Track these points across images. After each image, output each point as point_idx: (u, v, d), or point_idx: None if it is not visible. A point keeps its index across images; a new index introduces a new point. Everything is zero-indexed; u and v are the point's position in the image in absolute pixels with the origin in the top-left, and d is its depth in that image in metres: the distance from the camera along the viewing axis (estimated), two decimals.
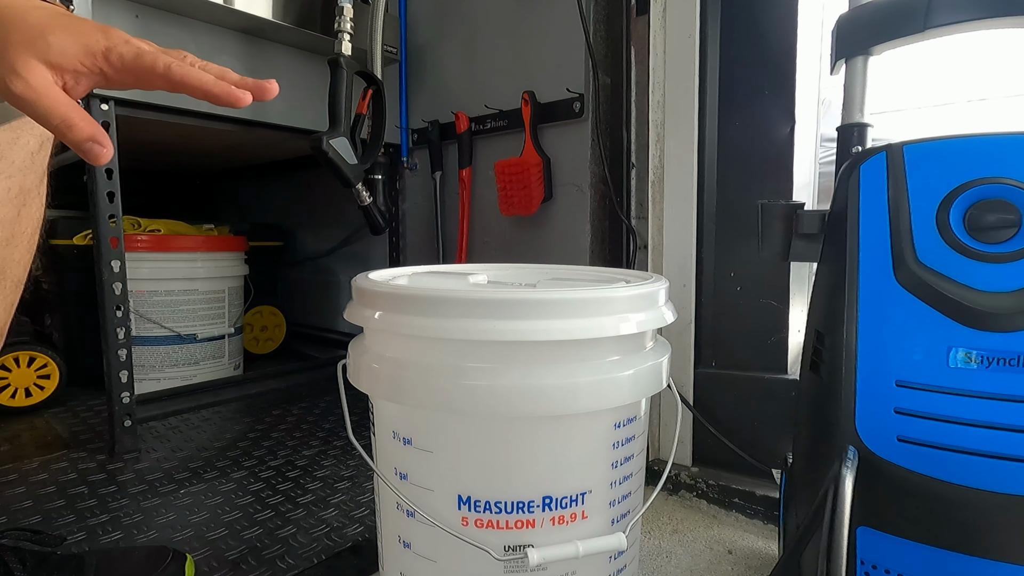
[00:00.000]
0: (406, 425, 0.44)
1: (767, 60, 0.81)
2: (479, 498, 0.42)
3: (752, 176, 0.84)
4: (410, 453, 0.44)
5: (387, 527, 0.49)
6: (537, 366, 0.40)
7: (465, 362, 0.40)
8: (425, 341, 0.42)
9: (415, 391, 0.42)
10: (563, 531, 0.43)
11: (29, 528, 0.56)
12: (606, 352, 0.42)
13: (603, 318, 0.40)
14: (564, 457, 0.42)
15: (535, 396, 0.39)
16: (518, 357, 0.40)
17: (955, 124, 0.97)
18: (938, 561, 0.39)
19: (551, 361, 0.40)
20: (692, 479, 0.83)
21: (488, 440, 0.42)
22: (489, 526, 0.42)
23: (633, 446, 0.46)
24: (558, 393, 0.40)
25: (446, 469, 0.43)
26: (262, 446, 0.98)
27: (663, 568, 0.67)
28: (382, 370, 0.44)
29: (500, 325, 0.38)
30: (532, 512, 0.42)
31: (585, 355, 0.41)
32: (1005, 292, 0.38)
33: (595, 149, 0.98)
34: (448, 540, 0.42)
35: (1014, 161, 0.39)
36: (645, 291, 0.43)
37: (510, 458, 0.42)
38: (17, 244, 0.42)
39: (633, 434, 0.46)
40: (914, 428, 0.40)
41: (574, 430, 0.42)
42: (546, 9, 1.01)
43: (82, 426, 1.07)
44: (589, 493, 0.43)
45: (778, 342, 0.82)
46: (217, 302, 1.33)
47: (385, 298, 0.43)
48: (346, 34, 1.00)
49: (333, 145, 0.95)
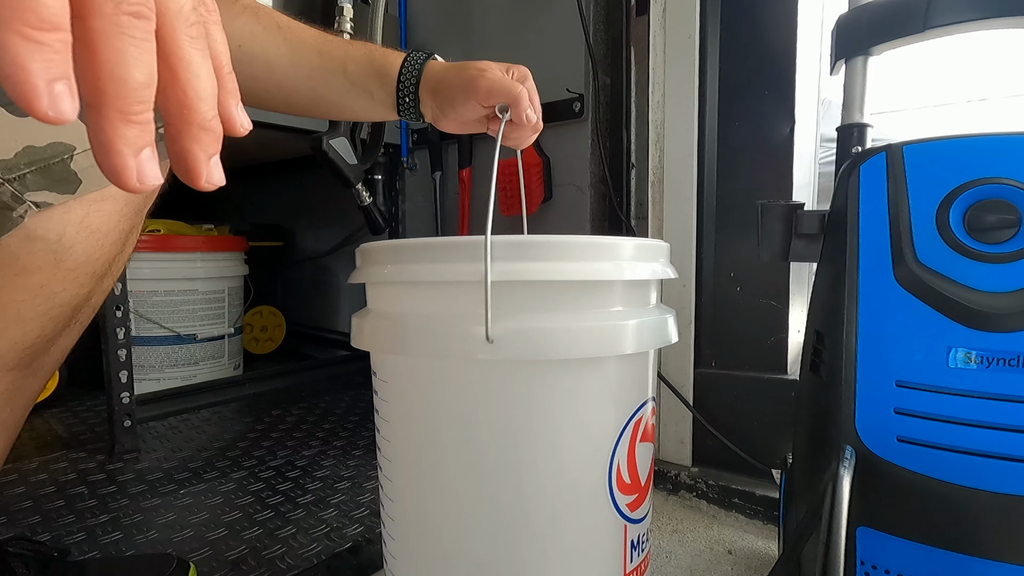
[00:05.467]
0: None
1: (767, 60, 0.81)
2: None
3: (752, 176, 0.84)
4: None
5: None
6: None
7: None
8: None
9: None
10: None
11: (35, 540, 0.56)
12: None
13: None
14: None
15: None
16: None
17: (955, 124, 0.97)
18: (938, 561, 0.39)
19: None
20: (692, 479, 0.83)
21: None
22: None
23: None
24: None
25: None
26: (262, 446, 0.98)
27: (663, 568, 0.67)
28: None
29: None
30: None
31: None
32: (1005, 292, 0.38)
33: (595, 149, 0.98)
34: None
35: (1014, 161, 0.39)
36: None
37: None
38: (112, 276, 0.44)
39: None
40: (914, 428, 0.40)
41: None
42: (546, 9, 1.01)
43: (82, 426, 1.07)
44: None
45: (778, 342, 0.82)
46: (217, 302, 1.33)
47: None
48: (346, 34, 1.00)
49: (333, 145, 0.95)
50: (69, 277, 0.39)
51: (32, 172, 0.33)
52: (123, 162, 0.19)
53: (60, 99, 0.17)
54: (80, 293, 0.41)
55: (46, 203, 0.34)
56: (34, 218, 0.35)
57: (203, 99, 0.21)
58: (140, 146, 0.19)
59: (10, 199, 0.33)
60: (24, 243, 0.35)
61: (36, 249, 0.36)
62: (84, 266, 0.39)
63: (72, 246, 0.37)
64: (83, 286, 0.40)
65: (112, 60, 0.18)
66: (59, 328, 0.42)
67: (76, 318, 0.44)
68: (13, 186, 0.33)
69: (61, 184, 0.34)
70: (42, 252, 0.36)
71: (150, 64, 0.19)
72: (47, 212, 0.35)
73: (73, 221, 0.37)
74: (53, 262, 0.37)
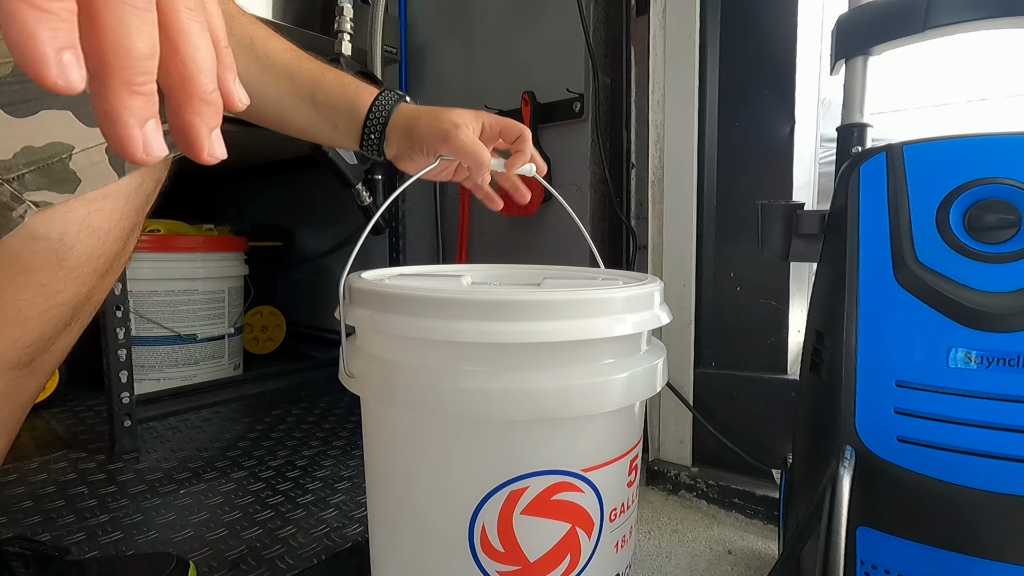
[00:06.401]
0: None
1: (767, 60, 0.81)
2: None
3: (752, 176, 0.84)
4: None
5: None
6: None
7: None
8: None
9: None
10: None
11: (35, 540, 0.56)
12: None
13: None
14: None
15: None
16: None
17: (955, 124, 0.97)
18: (938, 561, 0.39)
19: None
20: (692, 479, 0.83)
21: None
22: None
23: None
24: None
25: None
26: (262, 446, 0.98)
27: (663, 568, 0.67)
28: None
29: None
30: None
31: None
32: (1005, 292, 0.38)
33: (595, 149, 0.98)
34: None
35: (1014, 161, 0.39)
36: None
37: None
38: (113, 274, 0.44)
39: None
40: (914, 428, 0.40)
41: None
42: (546, 9, 1.01)
43: (82, 426, 1.07)
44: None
45: (778, 342, 0.82)
46: (217, 302, 1.33)
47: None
48: (346, 34, 1.00)
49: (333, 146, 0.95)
50: (71, 276, 0.39)
51: (31, 172, 0.33)
52: (129, 132, 0.19)
53: (69, 68, 0.17)
54: (81, 292, 0.41)
55: (46, 203, 0.35)
56: (35, 217, 0.35)
57: (203, 71, 0.21)
58: (145, 117, 0.19)
59: (9, 199, 0.33)
60: (26, 242, 0.35)
61: (38, 248, 0.36)
62: (85, 265, 0.39)
63: (74, 245, 0.37)
64: (84, 285, 0.40)
65: (115, 30, 0.18)
66: (60, 327, 0.42)
67: (77, 317, 0.44)
68: (12, 186, 0.33)
69: (60, 184, 0.34)
70: (44, 251, 0.36)
71: (152, 35, 0.19)
72: (49, 211, 0.35)
73: (75, 220, 0.37)
74: (55, 261, 0.37)
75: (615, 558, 0.45)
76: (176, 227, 1.29)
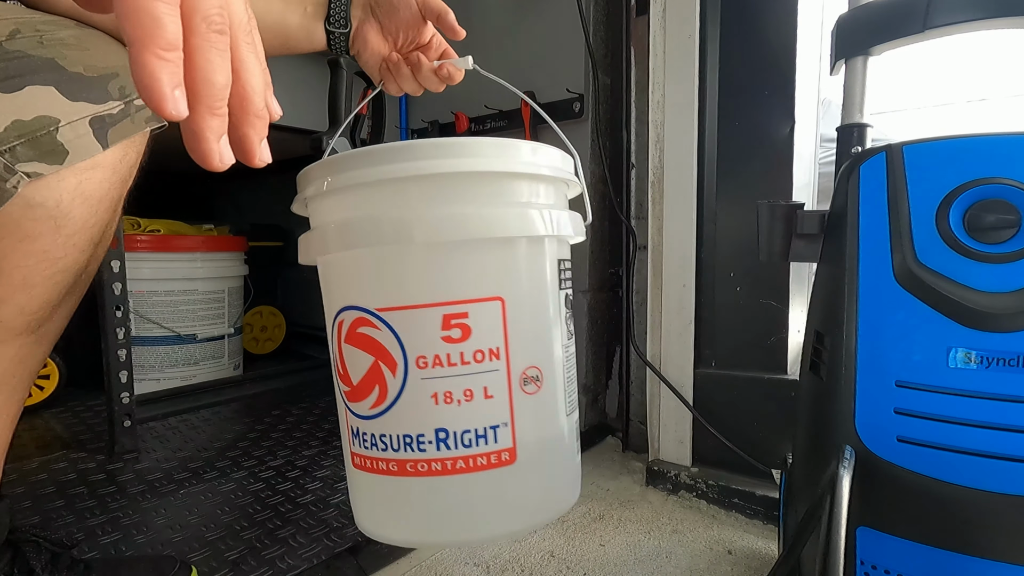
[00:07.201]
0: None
1: (767, 60, 0.81)
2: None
3: (752, 176, 0.84)
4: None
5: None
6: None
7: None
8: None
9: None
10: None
11: (46, 535, 0.56)
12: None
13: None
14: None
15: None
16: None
17: (955, 124, 0.97)
18: (938, 561, 0.39)
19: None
20: (692, 479, 0.83)
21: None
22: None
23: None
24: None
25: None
26: (262, 446, 0.98)
27: (663, 568, 0.67)
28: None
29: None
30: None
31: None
32: (1005, 292, 0.38)
33: (595, 149, 0.98)
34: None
35: (1014, 161, 0.39)
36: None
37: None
38: (105, 243, 0.48)
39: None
40: (914, 428, 0.40)
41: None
42: (546, 9, 1.01)
43: (82, 426, 1.07)
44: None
45: (778, 342, 0.82)
46: (217, 302, 1.33)
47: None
48: None
49: (333, 146, 0.95)
50: (69, 243, 0.41)
51: (22, 144, 0.36)
52: (210, 147, 0.24)
53: (180, 102, 0.22)
54: (80, 259, 0.43)
55: (37, 173, 0.37)
56: (30, 186, 0.37)
57: (257, 92, 0.26)
58: (220, 133, 0.24)
59: (3, 170, 0.36)
60: (25, 210, 0.38)
61: (37, 216, 0.39)
62: (82, 232, 0.42)
63: (69, 212, 0.40)
64: (83, 252, 0.43)
65: (204, 68, 0.23)
66: (62, 293, 0.44)
67: (76, 284, 0.46)
68: (5, 158, 0.35)
69: (50, 155, 0.37)
70: (43, 219, 0.39)
71: (228, 70, 0.24)
72: (43, 180, 0.37)
73: (68, 188, 0.39)
74: (54, 227, 0.40)
75: (433, 409, 0.46)
76: (176, 227, 1.29)
